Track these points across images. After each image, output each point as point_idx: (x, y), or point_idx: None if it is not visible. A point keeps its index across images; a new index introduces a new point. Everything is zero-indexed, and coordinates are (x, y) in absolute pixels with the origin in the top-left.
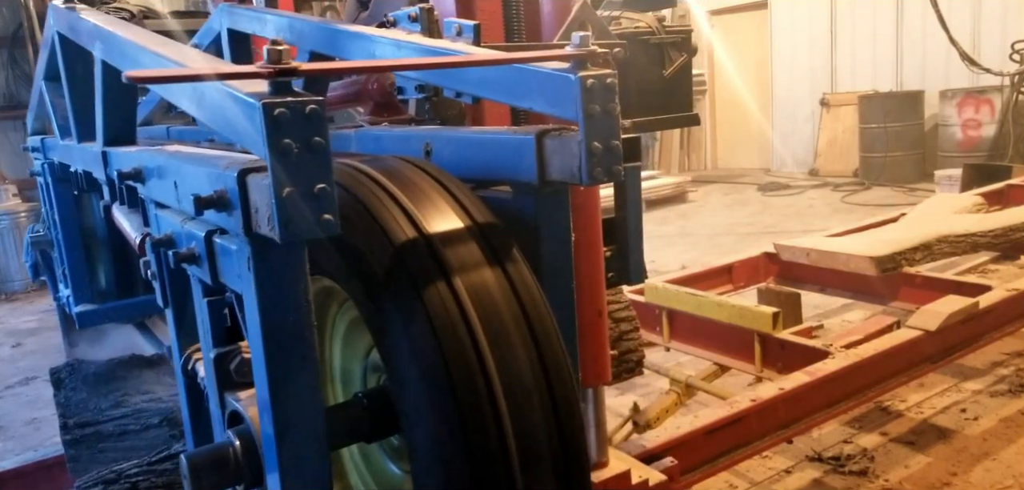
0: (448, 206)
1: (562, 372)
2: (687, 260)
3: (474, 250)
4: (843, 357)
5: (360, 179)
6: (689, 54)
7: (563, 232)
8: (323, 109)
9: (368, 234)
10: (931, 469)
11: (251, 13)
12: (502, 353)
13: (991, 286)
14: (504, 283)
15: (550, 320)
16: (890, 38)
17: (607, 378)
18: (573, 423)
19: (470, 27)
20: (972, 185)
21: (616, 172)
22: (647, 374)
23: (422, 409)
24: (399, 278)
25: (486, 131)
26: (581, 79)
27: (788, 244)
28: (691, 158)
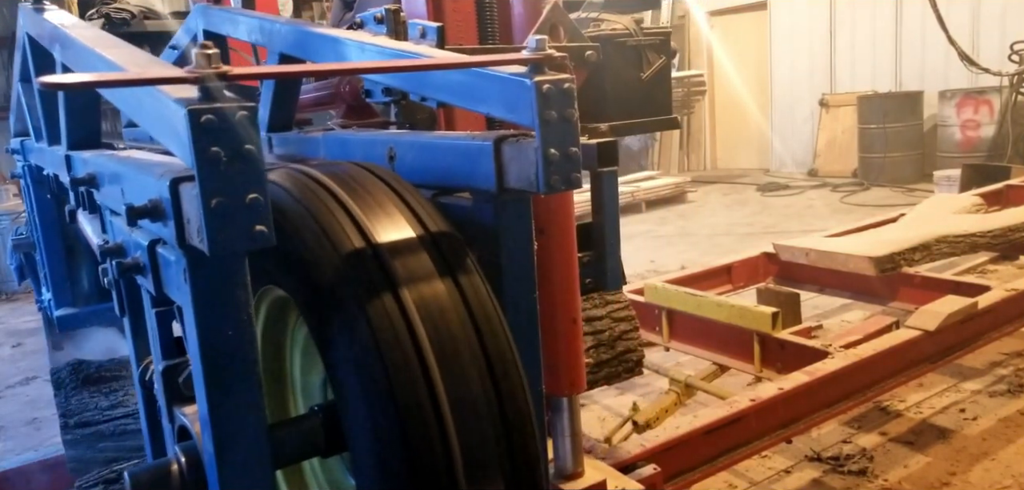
0: (400, 214)
1: (515, 387)
2: (686, 260)
3: (425, 261)
4: (842, 357)
5: (308, 185)
6: (668, 57)
7: (525, 240)
8: (254, 115)
9: (314, 243)
10: (930, 469)
11: (225, 14)
12: (450, 369)
13: (990, 286)
14: (455, 295)
15: (504, 333)
16: (889, 39)
17: (582, 387)
18: (526, 440)
19: (433, 29)
20: (971, 185)
21: (575, 179)
22: (647, 374)
23: (365, 428)
24: (344, 290)
25: (447, 136)
26: (536, 84)
27: (787, 244)
28: (690, 158)
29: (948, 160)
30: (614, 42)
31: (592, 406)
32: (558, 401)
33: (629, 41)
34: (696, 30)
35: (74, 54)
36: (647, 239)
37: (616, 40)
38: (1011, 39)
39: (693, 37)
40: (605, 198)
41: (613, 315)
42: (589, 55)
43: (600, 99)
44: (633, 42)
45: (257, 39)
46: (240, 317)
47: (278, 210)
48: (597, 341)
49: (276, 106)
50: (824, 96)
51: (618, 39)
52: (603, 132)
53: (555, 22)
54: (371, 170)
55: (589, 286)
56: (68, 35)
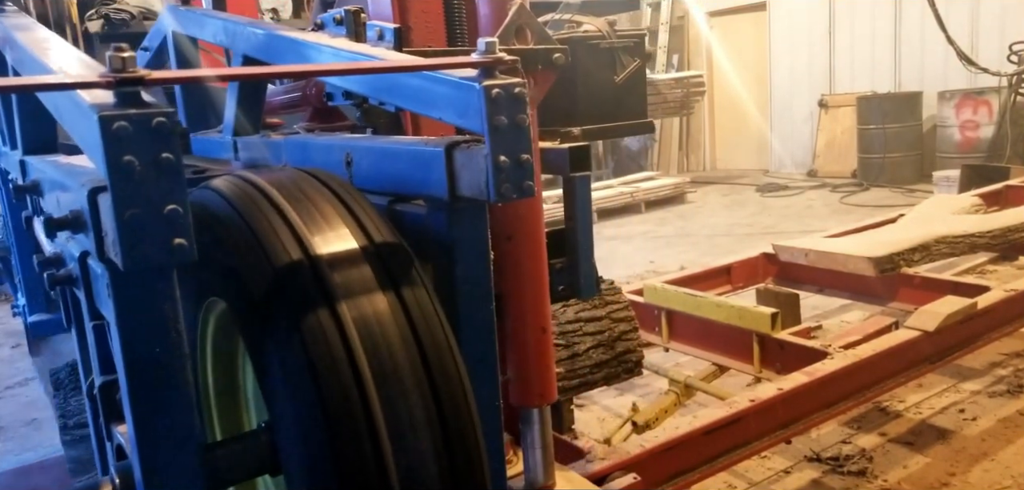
0: (343, 224)
1: (460, 407)
2: (686, 261)
3: (366, 273)
4: (842, 357)
5: (248, 193)
6: (642, 59)
7: (480, 250)
8: (173, 121)
9: (248, 255)
10: (929, 469)
11: (193, 15)
12: (389, 389)
13: (989, 287)
14: (398, 309)
15: (450, 350)
16: (888, 39)
17: (552, 397)
18: (471, 463)
19: (391, 31)
20: (970, 186)
21: (528, 188)
22: (646, 375)
23: (296, 452)
24: (278, 305)
25: (401, 141)
26: (485, 89)
27: (787, 245)
28: (690, 159)
29: (947, 161)
30: (586, 45)
31: (591, 407)
32: (528, 412)
33: (602, 44)
34: (695, 30)
35: (18, 57)
36: (646, 240)
37: (588, 43)
38: (1010, 40)
39: (692, 37)
40: (578, 203)
41: (612, 315)
42: (557, 58)
43: (572, 103)
44: (606, 45)
45: (222, 41)
46: (168, 333)
47: (215, 220)
48: (596, 342)
49: (241, 109)
50: (823, 97)
51: (590, 42)
52: (575, 136)
53: (521, 24)
54: (317, 177)
55: (562, 293)
56: (15, 38)
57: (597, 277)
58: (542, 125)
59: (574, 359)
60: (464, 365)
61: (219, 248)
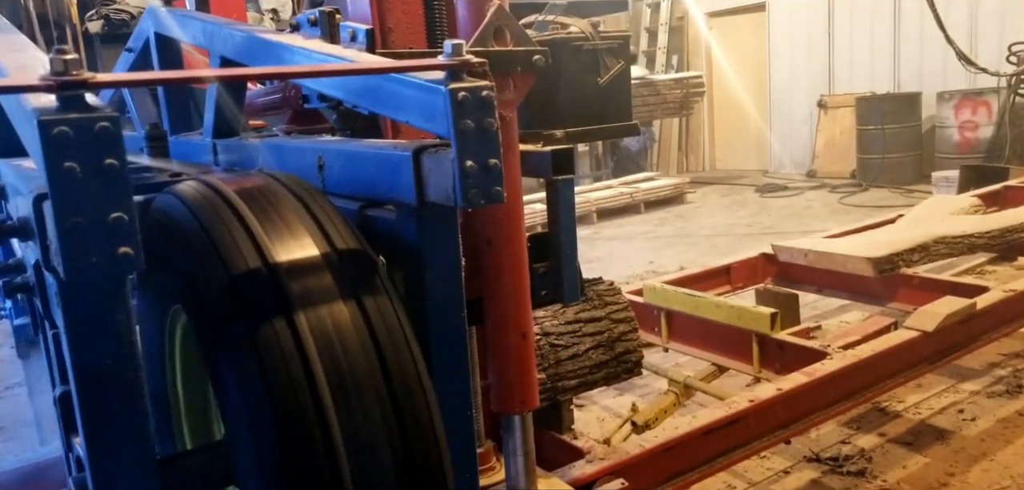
0: (304, 230)
1: (423, 421)
2: (685, 261)
3: (327, 282)
4: (841, 358)
5: (208, 199)
6: (626, 61)
7: (451, 256)
8: (118, 126)
9: (206, 263)
10: (929, 470)
11: (174, 16)
12: (349, 407)
13: (988, 287)
14: (359, 320)
15: (414, 362)
16: (887, 40)
17: (533, 404)
18: (434, 478)
19: (363, 32)
20: (969, 186)
21: (496, 194)
22: (645, 375)
23: (251, 468)
24: (234, 315)
25: (371, 145)
26: (451, 92)
27: (786, 245)
28: (689, 159)
29: (946, 161)
30: (569, 46)
31: (591, 407)
32: (509, 420)
33: (585, 45)
34: (695, 31)
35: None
36: (646, 240)
37: (571, 44)
38: (1009, 41)
39: (692, 38)
40: (560, 207)
41: (612, 316)
42: (537, 60)
43: (555, 105)
44: (589, 46)
45: (201, 42)
46: (120, 344)
47: (175, 225)
48: (596, 342)
49: (220, 111)
50: (822, 97)
51: (573, 43)
52: (559, 139)
53: (500, 25)
54: (283, 182)
55: (545, 297)
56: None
57: (581, 282)
58: (525, 127)
59: (574, 359)
60: (429, 376)
61: (179, 255)
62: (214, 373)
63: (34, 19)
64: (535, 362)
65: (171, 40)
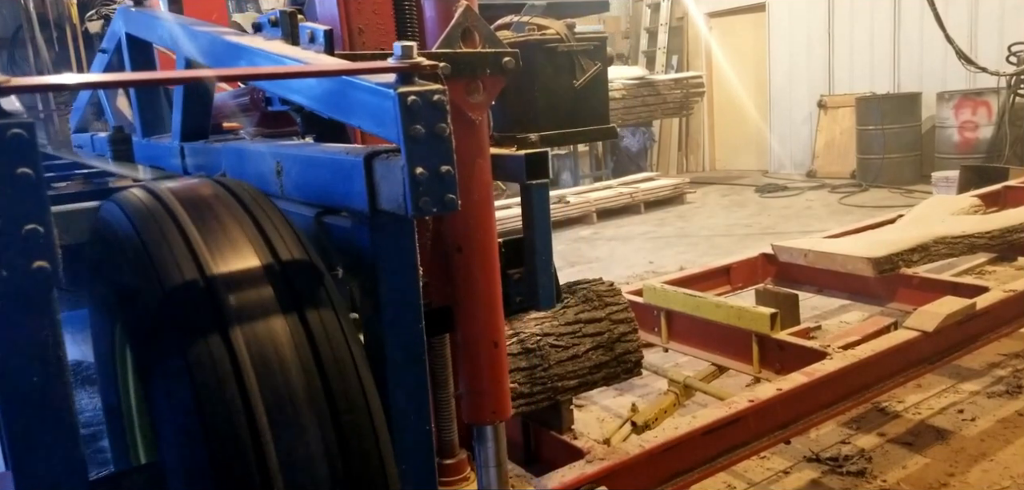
0: (247, 241)
1: (365, 440)
2: (685, 261)
3: (267, 295)
4: (841, 358)
5: (147, 208)
6: (603, 63)
7: (406, 267)
8: (33, 133)
9: (141, 273)
10: (928, 470)
11: (142, 17)
12: (286, 428)
13: (988, 287)
14: (300, 334)
15: (358, 377)
16: (887, 40)
17: (506, 413)
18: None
19: (321, 33)
20: (969, 187)
21: (450, 202)
22: (645, 375)
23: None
24: (167, 331)
25: (326, 150)
26: (400, 96)
27: (786, 245)
28: (689, 159)
29: (946, 161)
30: (543, 48)
31: (591, 407)
32: (482, 430)
33: (560, 47)
34: (695, 31)
35: None
36: (645, 240)
37: (545, 46)
38: (1008, 41)
39: (692, 38)
40: (535, 211)
41: (612, 317)
42: (507, 62)
43: (529, 108)
44: (564, 48)
45: (168, 43)
46: (46, 363)
47: (113, 235)
48: (596, 343)
49: (186, 114)
50: (822, 97)
51: (548, 45)
52: (533, 143)
53: (468, 26)
54: (230, 189)
55: (520, 304)
56: None
57: (558, 288)
58: (499, 130)
59: (574, 360)
60: (375, 392)
61: (116, 266)
62: (147, 391)
63: (34, 19)
64: (508, 371)
65: (142, 41)
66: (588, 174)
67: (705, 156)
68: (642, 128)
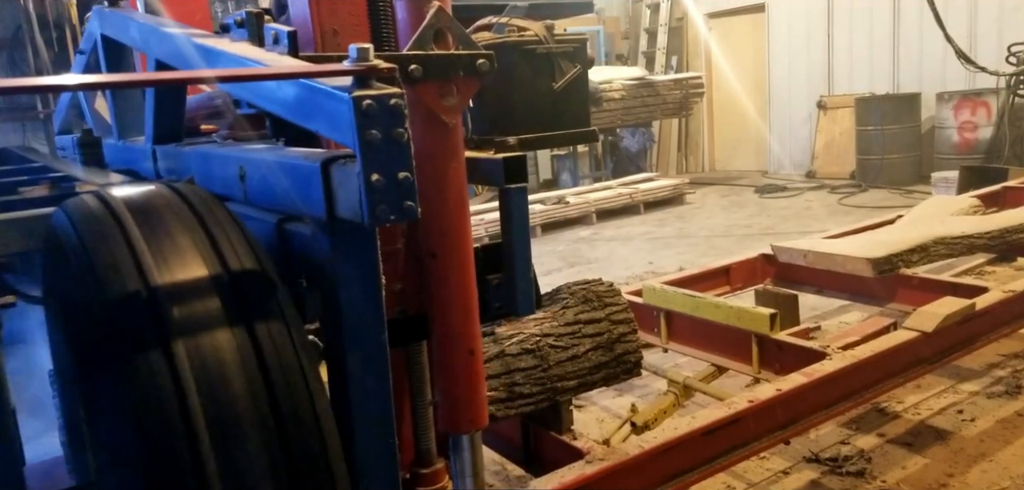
0: (196, 250)
1: (314, 457)
2: (685, 262)
3: (213, 306)
4: (840, 358)
5: (94, 214)
6: (583, 65)
7: (368, 278)
8: None
9: (82, 285)
10: (928, 470)
11: (118, 17)
12: (228, 446)
13: (988, 287)
14: (247, 348)
15: (308, 392)
16: (887, 41)
17: (483, 422)
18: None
19: (284, 34)
20: (969, 187)
21: (408, 209)
22: (645, 375)
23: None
24: (105, 344)
25: (287, 155)
26: (355, 99)
27: (785, 245)
28: (689, 160)
29: (945, 162)
30: (521, 50)
31: (590, 408)
32: (458, 439)
33: (538, 49)
34: (694, 32)
35: None
36: (645, 241)
37: (523, 48)
38: (1008, 42)
39: (691, 39)
40: (513, 216)
41: (611, 317)
42: (481, 64)
43: (507, 111)
44: (543, 50)
45: (139, 44)
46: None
47: (58, 244)
48: (595, 343)
49: (158, 116)
50: (822, 98)
51: (526, 47)
52: (511, 146)
53: (441, 27)
54: (183, 195)
55: (498, 310)
56: None
57: (537, 294)
58: (478, 133)
59: (573, 360)
60: (327, 407)
61: (62, 275)
62: (85, 406)
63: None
64: (484, 379)
65: (117, 42)
66: (588, 174)
67: (704, 157)
68: (642, 129)
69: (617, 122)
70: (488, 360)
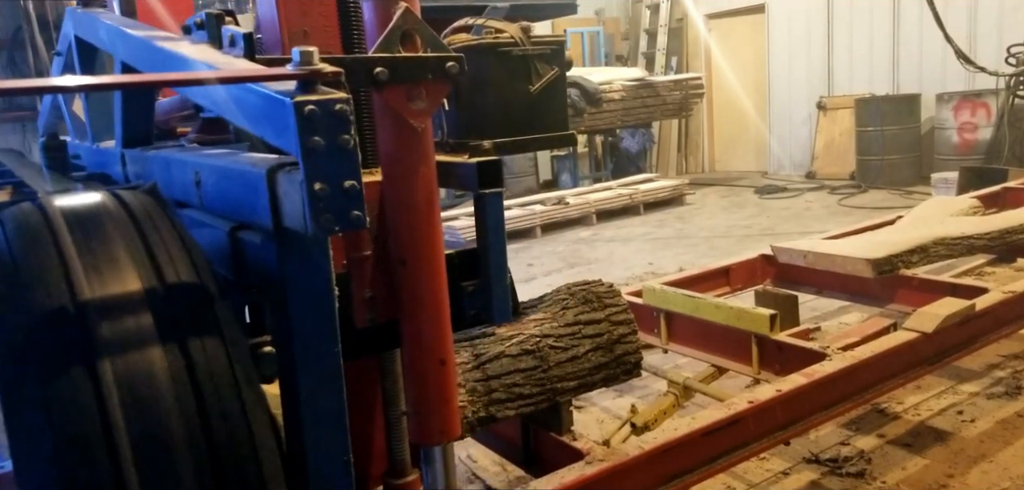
0: (131, 262)
1: (249, 481)
2: (684, 262)
3: (145, 323)
4: (840, 359)
5: (27, 224)
6: (561, 68)
7: (318, 289)
8: None
9: (7, 296)
10: (928, 471)
11: (86, 19)
12: (155, 467)
13: (987, 288)
14: (179, 367)
15: (242, 417)
16: (887, 41)
17: (455, 433)
18: None
19: (241, 36)
20: (968, 188)
21: (355, 219)
22: (645, 376)
23: None
24: (28, 360)
25: (239, 160)
26: (296, 104)
27: (785, 246)
28: (689, 161)
29: (945, 163)
30: (496, 52)
31: (590, 408)
32: (429, 451)
33: (514, 51)
34: (694, 33)
35: None
36: (645, 241)
37: (498, 50)
38: (1007, 43)
39: (691, 40)
40: (488, 221)
41: (611, 318)
42: (450, 67)
43: (482, 115)
44: (519, 52)
45: (107, 46)
46: None
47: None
48: (595, 344)
49: (126, 120)
50: (822, 99)
51: (500, 49)
52: (486, 150)
53: (408, 29)
54: (125, 203)
55: (474, 318)
56: None
57: (515, 301)
58: (454, 137)
59: (573, 361)
60: (267, 424)
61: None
62: (7, 427)
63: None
64: (456, 389)
65: (89, 43)
66: (588, 175)
67: (704, 157)
68: (641, 129)
69: (617, 123)
70: (488, 361)
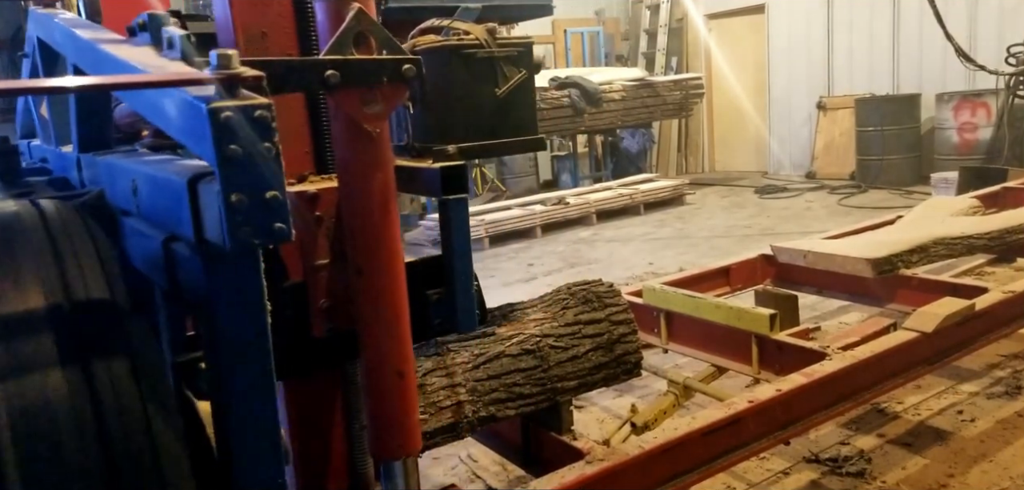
0: (36, 276)
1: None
2: (685, 262)
3: (46, 346)
4: (840, 359)
5: None
6: (529, 70)
7: (247, 306)
8: None
9: None
10: (928, 471)
11: (45, 19)
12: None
13: (987, 288)
14: (82, 393)
15: (149, 447)
16: (887, 42)
17: (416, 447)
18: None
19: (178, 38)
20: (968, 188)
21: (279, 232)
22: (645, 376)
23: None
24: None
25: (169, 168)
26: (212, 111)
27: (785, 246)
28: (689, 161)
29: (945, 163)
30: (460, 54)
31: (590, 408)
32: (389, 466)
33: (479, 53)
34: (694, 33)
35: None
36: (645, 241)
37: (462, 52)
38: (1007, 43)
39: (691, 40)
40: (453, 228)
41: (611, 318)
42: (406, 70)
43: (446, 119)
44: (484, 54)
45: (61, 48)
46: None
47: None
48: (595, 344)
49: (80, 124)
50: (822, 99)
51: (464, 51)
52: (451, 155)
53: (362, 30)
54: (43, 212)
55: (438, 327)
56: None
57: (483, 309)
58: (419, 141)
59: (574, 361)
60: (179, 454)
61: None
62: None
63: None
64: (417, 402)
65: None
66: (587, 175)
67: (704, 157)
68: (641, 130)
69: (617, 123)
70: (488, 361)
